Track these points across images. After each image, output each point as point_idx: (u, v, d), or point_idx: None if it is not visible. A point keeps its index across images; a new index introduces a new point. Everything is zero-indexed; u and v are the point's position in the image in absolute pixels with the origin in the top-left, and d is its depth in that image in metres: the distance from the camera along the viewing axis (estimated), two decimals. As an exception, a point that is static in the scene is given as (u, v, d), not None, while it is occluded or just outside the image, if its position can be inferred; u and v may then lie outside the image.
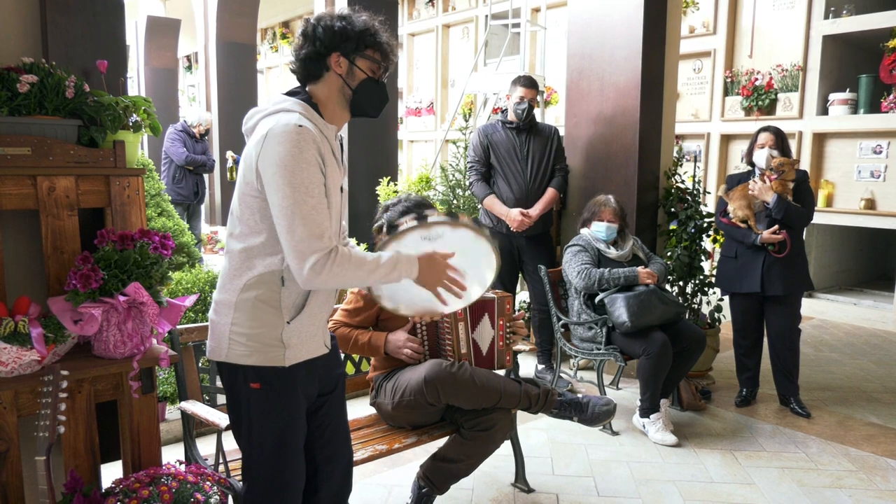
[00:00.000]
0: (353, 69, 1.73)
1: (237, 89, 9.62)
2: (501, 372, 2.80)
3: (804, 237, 3.86)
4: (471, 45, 9.16)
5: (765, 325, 3.83)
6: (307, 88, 1.77)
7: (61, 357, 1.85)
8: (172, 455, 2.38)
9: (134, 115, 2.09)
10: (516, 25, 6.34)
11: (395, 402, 2.53)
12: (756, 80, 6.51)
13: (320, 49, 1.71)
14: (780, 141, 3.70)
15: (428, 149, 9.80)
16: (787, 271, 3.63)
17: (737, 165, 6.90)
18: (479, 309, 2.65)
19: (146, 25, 11.40)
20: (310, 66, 1.74)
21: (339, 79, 1.74)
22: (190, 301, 1.95)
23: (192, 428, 2.38)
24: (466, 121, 5.26)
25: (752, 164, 3.76)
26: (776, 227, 3.60)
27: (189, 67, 15.88)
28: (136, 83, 12.02)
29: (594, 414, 2.55)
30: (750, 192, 3.65)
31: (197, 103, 13.46)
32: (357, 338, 2.59)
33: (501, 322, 2.68)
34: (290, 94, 1.77)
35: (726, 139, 6.93)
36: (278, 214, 1.59)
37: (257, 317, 1.71)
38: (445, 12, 9.53)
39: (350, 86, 1.75)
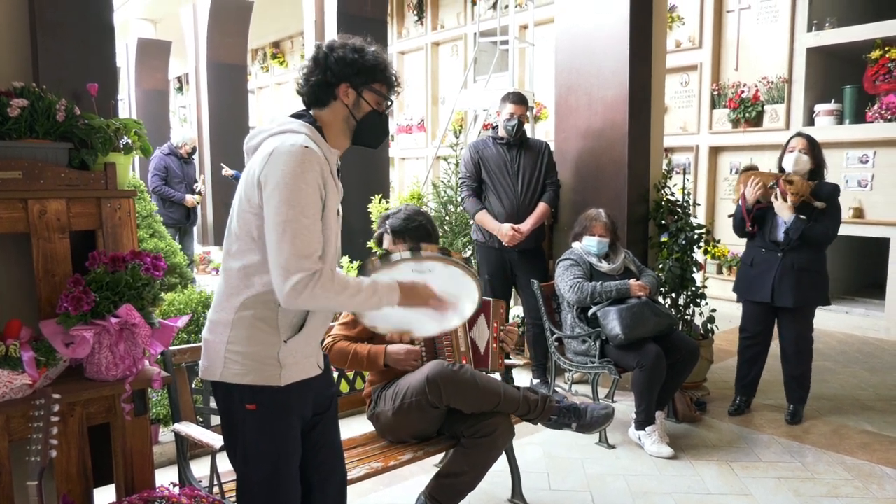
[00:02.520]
0: (359, 101, 1.77)
1: (228, 110, 9.66)
2: (497, 377, 2.81)
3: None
4: (460, 62, 9.23)
5: (778, 335, 3.85)
6: (312, 112, 1.79)
7: (53, 380, 1.84)
8: (166, 478, 2.36)
9: (125, 138, 2.11)
10: (505, 43, 6.40)
11: (397, 407, 2.53)
12: (742, 92, 6.58)
13: (330, 78, 1.73)
14: (812, 147, 3.70)
15: (419, 166, 9.84)
16: (801, 284, 3.64)
17: (725, 177, 6.96)
18: (477, 310, 2.67)
19: (137, 47, 11.47)
20: (318, 93, 1.76)
21: (346, 108, 1.77)
22: (182, 322, 1.95)
23: (186, 450, 2.36)
24: (457, 137, 5.30)
25: (782, 169, 3.78)
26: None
27: (180, 89, 15.94)
28: (127, 105, 12.06)
29: (593, 419, 2.56)
30: (773, 200, 3.66)
31: (188, 124, 13.51)
32: (356, 351, 2.58)
33: (496, 324, 2.71)
34: (296, 116, 1.79)
35: (715, 151, 6.99)
36: (270, 229, 1.60)
37: (254, 335, 1.71)
38: (434, 30, 9.61)
39: (355, 116, 1.78)
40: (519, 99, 4.08)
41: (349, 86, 1.74)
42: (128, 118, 2.08)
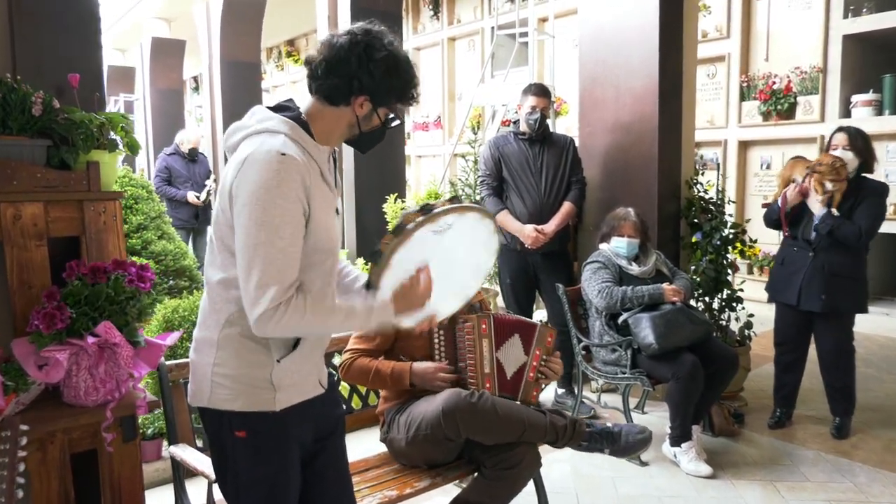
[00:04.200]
0: (372, 115, 1.57)
1: (242, 108, 9.27)
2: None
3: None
4: (477, 57, 9.00)
5: (815, 342, 3.57)
6: (310, 102, 1.57)
7: (26, 406, 1.65)
8: (167, 497, 2.16)
9: (111, 133, 1.91)
10: (524, 35, 6.16)
11: (410, 438, 2.31)
12: (773, 83, 6.28)
13: (354, 87, 1.51)
14: (857, 141, 3.39)
15: (436, 164, 9.62)
16: (831, 288, 3.35)
17: (755, 173, 6.66)
18: (508, 328, 2.44)
19: (151, 47, 11.35)
20: (332, 92, 1.53)
21: (354, 118, 1.56)
22: (172, 339, 1.74)
23: (183, 474, 2.16)
24: (475, 134, 5.07)
25: None
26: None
27: (196, 88, 15.85)
28: (143, 105, 11.96)
29: (628, 444, 2.31)
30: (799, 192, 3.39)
31: (204, 123, 13.43)
32: (378, 369, 2.35)
33: (538, 352, 2.46)
34: (278, 108, 1.57)
35: (744, 145, 6.69)
36: (239, 251, 1.41)
37: (243, 355, 1.51)
38: (451, 25, 9.38)
39: (361, 128, 1.58)
40: (541, 91, 3.84)
41: (369, 99, 1.53)
42: (114, 112, 1.88)
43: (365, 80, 1.49)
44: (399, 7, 6.59)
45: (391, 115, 1.59)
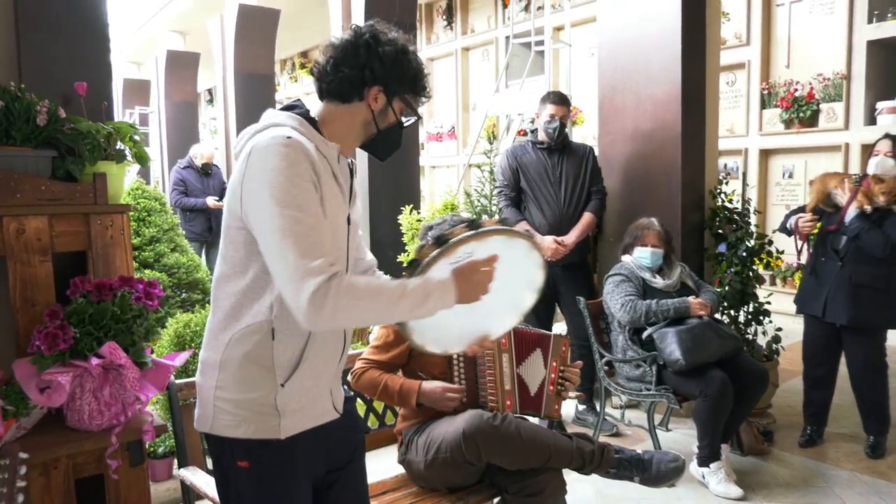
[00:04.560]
0: (388, 109, 1.47)
1: (256, 120, 9.45)
2: (535, 422, 2.46)
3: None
4: (491, 67, 8.93)
5: (844, 357, 3.43)
6: (322, 104, 1.48)
7: (28, 430, 1.57)
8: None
9: (119, 144, 1.83)
10: (539, 44, 6.08)
11: (429, 460, 2.20)
12: (795, 90, 6.15)
13: (367, 77, 1.43)
14: None
15: (450, 174, 9.54)
16: (859, 301, 3.22)
17: (777, 182, 6.51)
18: (529, 342, 2.33)
19: (166, 60, 11.40)
20: (343, 87, 1.45)
21: (369, 113, 1.47)
22: (180, 360, 1.66)
23: (192, 497, 2.07)
24: (491, 143, 4.99)
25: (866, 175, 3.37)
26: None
27: (211, 101, 15.93)
28: (158, 117, 12.01)
29: (660, 473, 2.19)
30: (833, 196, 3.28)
31: (218, 135, 13.48)
32: (387, 384, 2.25)
33: (555, 364, 2.35)
34: (285, 108, 1.49)
35: (765, 154, 6.55)
36: (267, 241, 1.29)
37: (246, 379, 1.40)
38: (464, 35, 9.33)
39: (378, 125, 1.48)
40: (560, 99, 3.74)
41: (382, 90, 1.44)
42: (122, 122, 1.81)
43: (376, 67, 1.41)
44: (413, 17, 6.55)
45: (407, 112, 1.50)
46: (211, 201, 6.37)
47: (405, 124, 1.52)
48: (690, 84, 3.79)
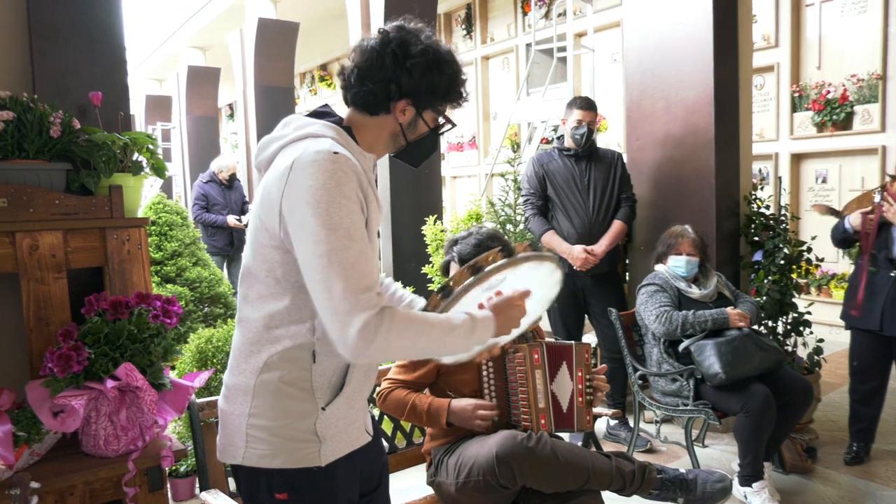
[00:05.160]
0: (417, 121, 1.37)
1: (276, 134, 9.47)
2: (567, 438, 2.35)
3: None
4: (512, 75, 8.85)
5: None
6: (348, 112, 1.39)
7: (42, 456, 1.49)
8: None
9: (136, 155, 1.76)
10: (561, 50, 5.98)
11: (460, 484, 2.08)
12: (828, 92, 5.97)
13: (393, 92, 1.32)
14: None
15: (472, 184, 9.46)
16: None
17: (810, 187, 6.32)
18: (556, 356, 2.21)
19: (187, 76, 11.49)
20: (369, 100, 1.35)
21: (397, 126, 1.37)
22: (200, 380, 1.57)
23: (215, 523, 1.98)
24: (514, 151, 4.89)
25: None
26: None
27: (231, 115, 16.05)
28: (179, 132, 12.10)
29: (705, 494, 2.06)
30: (884, 212, 3.13)
31: (239, 149, 13.57)
32: (414, 404, 2.15)
33: (580, 374, 2.22)
34: (315, 115, 1.39)
35: (797, 158, 6.37)
36: (311, 267, 1.19)
37: (283, 405, 1.31)
38: (484, 44, 9.27)
39: (406, 137, 1.38)
40: (587, 104, 3.64)
41: (410, 104, 1.34)
42: (139, 132, 1.74)
43: (403, 81, 1.30)
44: (432, 27, 6.50)
45: (440, 120, 1.40)
46: (231, 220, 6.35)
47: (441, 132, 1.43)
48: (723, 87, 3.66)
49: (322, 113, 1.40)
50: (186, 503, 2.94)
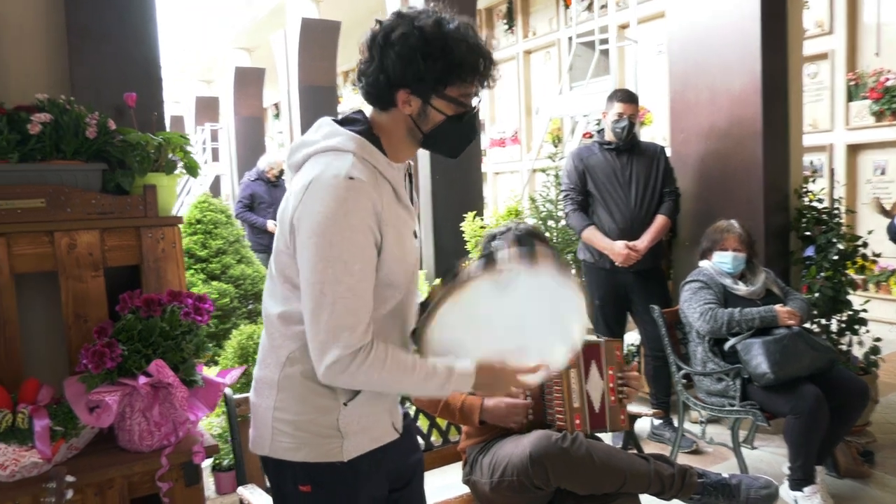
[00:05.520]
0: (427, 110, 1.31)
1: (319, 133, 9.56)
2: (607, 438, 2.28)
3: None
4: (554, 69, 8.73)
5: None
6: (370, 115, 1.38)
7: (80, 450, 1.52)
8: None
9: (171, 155, 1.79)
10: (604, 43, 5.87)
11: (494, 483, 2.06)
12: (887, 80, 5.70)
13: (384, 82, 1.29)
14: None
15: (514, 180, 9.38)
16: None
17: (868, 179, 6.06)
18: (590, 354, 2.16)
19: (234, 77, 11.73)
20: (374, 94, 1.33)
21: (409, 118, 1.32)
22: (232, 377, 1.58)
23: (252, 517, 2.00)
24: (556, 146, 4.82)
25: None
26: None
27: (277, 115, 16.33)
28: (227, 133, 12.37)
29: (749, 500, 1.98)
30: None
31: (285, 149, 13.79)
32: (448, 401, 2.13)
33: (611, 372, 2.16)
34: (346, 121, 1.37)
35: (853, 149, 6.10)
36: (305, 291, 1.24)
37: (306, 399, 1.32)
38: (526, 38, 9.17)
39: (421, 128, 1.33)
40: (628, 97, 3.55)
41: (411, 92, 1.29)
42: (172, 132, 1.76)
43: (390, 70, 1.26)
44: (473, 20, 6.45)
45: (459, 106, 1.31)
46: (270, 225, 6.44)
47: (464, 117, 1.33)
48: (771, 76, 3.53)
49: (351, 120, 1.38)
50: (229, 496, 2.99)
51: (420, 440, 2.51)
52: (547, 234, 4.70)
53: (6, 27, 1.71)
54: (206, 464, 3.00)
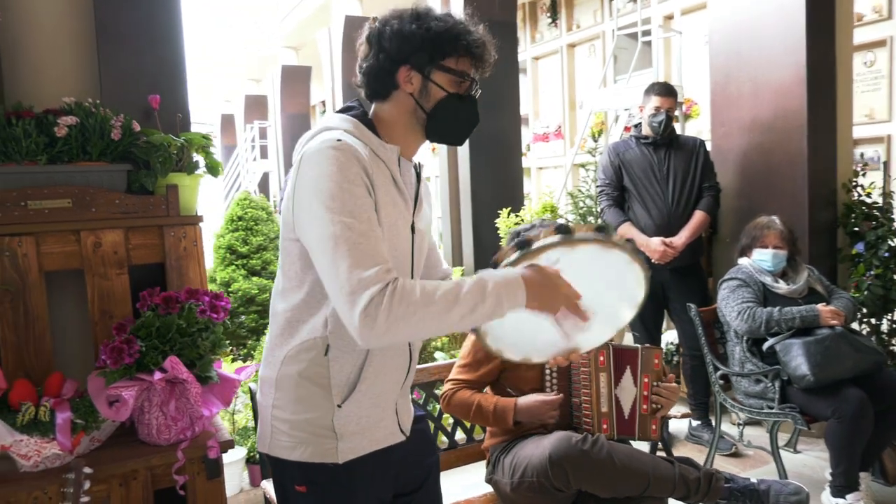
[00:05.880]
0: (427, 86, 1.33)
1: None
2: (645, 446, 2.23)
3: None
4: (598, 62, 8.59)
5: None
6: (371, 111, 1.39)
7: (102, 442, 1.57)
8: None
9: (195, 156, 1.82)
10: (646, 34, 5.74)
11: (515, 483, 2.04)
12: (949, 67, 5.42)
13: (384, 62, 1.32)
14: None
15: (558, 175, 9.27)
16: None
17: (929, 171, 5.76)
18: (624, 358, 2.12)
19: (281, 75, 11.94)
20: (374, 83, 1.35)
21: (411, 99, 1.33)
22: (246, 374, 1.61)
23: (275, 511, 2.04)
24: (595, 141, 4.74)
25: None
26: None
27: (324, 112, 16.54)
28: (274, 130, 12.60)
29: (778, 508, 1.91)
30: None
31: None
32: (480, 405, 2.11)
33: (646, 380, 2.11)
34: (343, 110, 1.40)
35: (913, 141, 5.82)
36: (319, 251, 1.19)
37: (302, 398, 1.31)
38: (570, 31, 9.03)
39: (424, 108, 1.34)
40: (665, 90, 3.46)
41: (411, 68, 1.31)
42: (194, 133, 1.80)
43: (390, 46, 1.30)
44: (514, 16, 6.39)
45: (459, 80, 1.33)
46: None
47: (462, 92, 1.35)
48: (817, 66, 3.39)
49: (348, 108, 1.40)
50: (257, 489, 3.06)
51: (444, 438, 2.52)
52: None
53: (39, 34, 1.78)
54: (241, 456, 3.07)
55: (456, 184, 6.48)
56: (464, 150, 6.19)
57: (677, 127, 5.60)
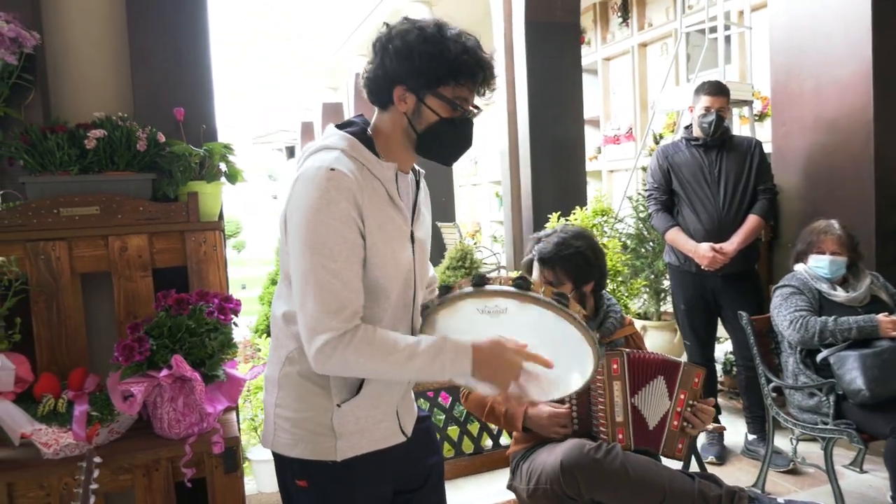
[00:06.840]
0: (420, 109, 1.34)
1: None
2: (677, 465, 2.15)
3: None
4: (671, 61, 8.34)
5: None
6: (373, 119, 1.43)
7: (121, 434, 1.68)
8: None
9: (221, 164, 1.92)
10: (714, 31, 5.54)
11: (530, 490, 2.02)
12: None
13: (381, 78, 1.34)
14: None
15: (628, 178, 9.07)
16: None
17: None
18: (648, 368, 2.06)
19: (353, 82, 12.23)
20: (375, 91, 1.38)
21: (404, 118, 1.36)
22: (252, 374, 1.67)
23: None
24: (657, 142, 4.61)
25: None
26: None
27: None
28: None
29: (803, 531, 1.81)
30: None
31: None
32: (493, 406, 2.14)
33: (682, 397, 2.03)
34: (345, 125, 1.43)
35: None
36: (294, 280, 1.29)
37: (303, 397, 1.37)
38: (641, 30, 8.81)
39: (415, 128, 1.36)
40: (715, 89, 3.32)
41: (406, 89, 1.32)
42: (215, 143, 1.89)
43: (388, 64, 1.31)
44: (576, 17, 6.30)
45: (453, 107, 1.34)
46: None
47: (457, 121, 1.35)
48: (884, 61, 3.17)
49: (350, 123, 1.43)
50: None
51: (471, 443, 2.53)
52: (646, 234, 4.52)
53: (76, 51, 1.93)
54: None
55: (518, 189, 6.45)
56: (525, 156, 6.15)
57: (747, 129, 5.37)
